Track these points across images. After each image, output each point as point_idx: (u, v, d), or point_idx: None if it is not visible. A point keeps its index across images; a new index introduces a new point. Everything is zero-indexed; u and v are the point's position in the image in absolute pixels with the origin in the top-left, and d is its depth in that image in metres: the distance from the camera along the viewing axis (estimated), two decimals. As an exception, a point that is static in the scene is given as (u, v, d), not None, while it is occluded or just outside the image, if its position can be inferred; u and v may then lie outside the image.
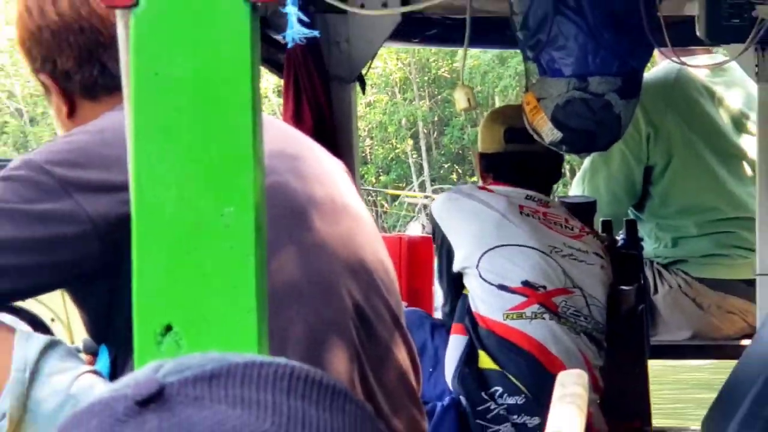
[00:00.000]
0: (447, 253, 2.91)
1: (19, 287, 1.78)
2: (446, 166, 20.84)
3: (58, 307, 2.32)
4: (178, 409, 0.68)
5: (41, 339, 1.74)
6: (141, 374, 0.72)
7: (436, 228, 2.99)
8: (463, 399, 2.79)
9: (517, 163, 3.04)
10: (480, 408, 2.74)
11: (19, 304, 2.14)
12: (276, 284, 1.46)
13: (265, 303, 1.25)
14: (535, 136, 2.92)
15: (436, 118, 21.10)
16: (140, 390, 0.69)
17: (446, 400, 2.80)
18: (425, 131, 20.89)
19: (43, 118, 26.39)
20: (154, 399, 0.69)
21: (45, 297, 2.03)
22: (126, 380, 0.73)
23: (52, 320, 2.44)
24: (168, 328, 1.23)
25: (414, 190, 18.04)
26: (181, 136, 1.21)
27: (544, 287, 2.79)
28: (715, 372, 3.38)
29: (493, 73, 17.67)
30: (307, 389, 0.71)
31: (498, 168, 3.09)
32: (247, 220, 1.22)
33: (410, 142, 21.20)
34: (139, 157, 1.21)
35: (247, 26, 1.23)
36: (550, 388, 2.06)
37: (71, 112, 1.88)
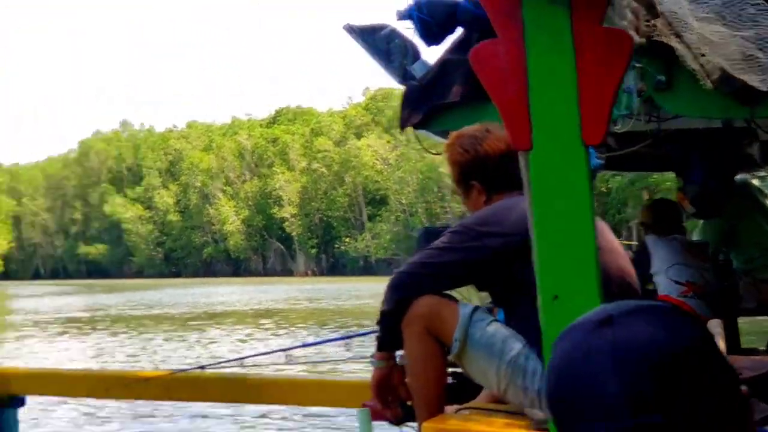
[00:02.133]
0: None
1: (456, 284, 2.92)
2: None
3: (465, 292, 3.18)
4: (618, 326, 1.00)
5: (471, 305, 2.90)
6: (598, 310, 1.04)
7: None
8: None
9: None
10: None
11: (449, 292, 3.02)
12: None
13: (600, 283, 2.12)
14: None
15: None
16: (599, 317, 1.02)
17: None
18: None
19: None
20: (606, 321, 1.00)
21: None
22: (586, 314, 1.05)
23: (463, 298, 3.24)
24: (555, 297, 2.13)
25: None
26: (553, 210, 2.11)
27: None
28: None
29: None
30: (634, 312, 1.03)
31: None
32: (591, 252, 2.13)
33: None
34: (538, 218, 2.15)
35: (583, 156, 2.12)
36: None
37: (487, 201, 2.98)
